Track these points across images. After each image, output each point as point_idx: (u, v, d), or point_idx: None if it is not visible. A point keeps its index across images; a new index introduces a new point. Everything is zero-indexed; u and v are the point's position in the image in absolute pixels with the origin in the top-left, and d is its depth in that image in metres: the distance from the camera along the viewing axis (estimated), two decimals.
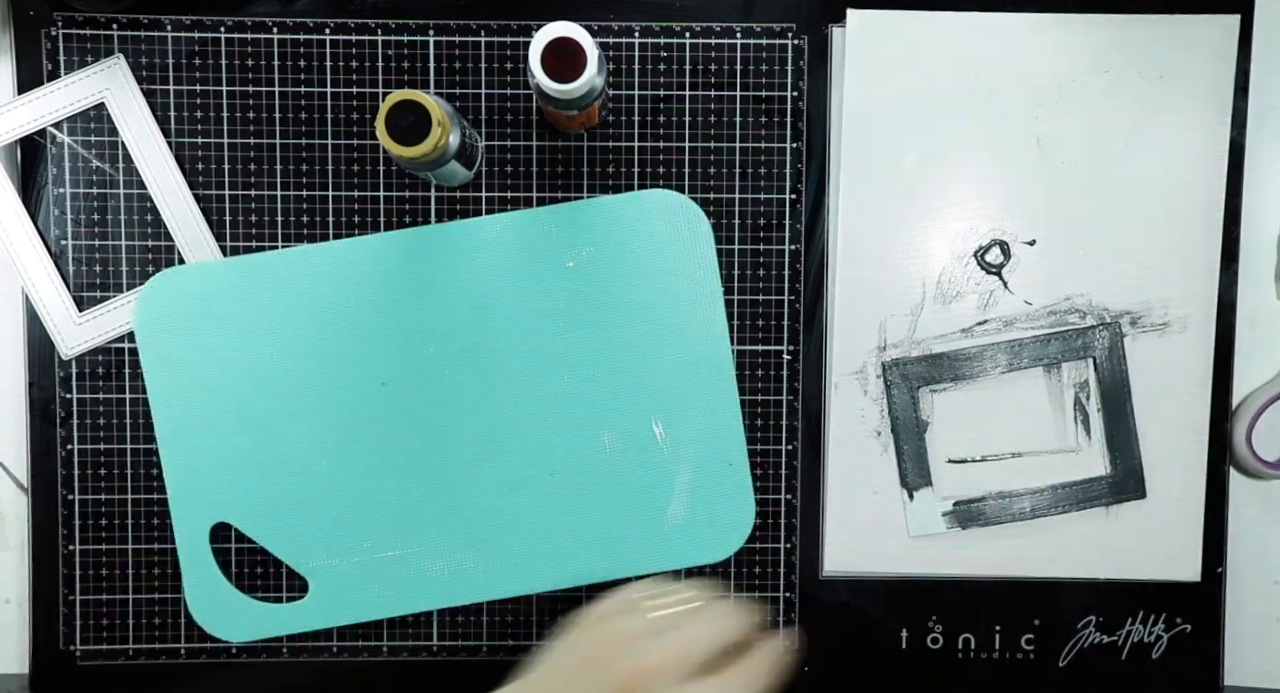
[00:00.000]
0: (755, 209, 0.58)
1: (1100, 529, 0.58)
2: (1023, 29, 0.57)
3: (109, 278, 0.57)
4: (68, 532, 0.58)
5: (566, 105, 0.49)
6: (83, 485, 0.57)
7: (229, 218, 0.57)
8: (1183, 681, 0.59)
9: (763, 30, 0.57)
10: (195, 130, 0.57)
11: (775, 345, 0.59)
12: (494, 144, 0.57)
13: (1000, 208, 0.57)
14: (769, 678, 0.42)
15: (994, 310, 0.58)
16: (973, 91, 0.57)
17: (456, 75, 0.57)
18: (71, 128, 0.56)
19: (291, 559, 0.57)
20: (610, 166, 0.58)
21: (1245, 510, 0.60)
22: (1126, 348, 0.58)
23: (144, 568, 0.58)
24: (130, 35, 0.56)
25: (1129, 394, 0.58)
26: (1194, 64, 0.57)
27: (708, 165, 0.58)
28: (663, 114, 0.58)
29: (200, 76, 0.57)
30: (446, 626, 0.59)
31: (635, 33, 0.57)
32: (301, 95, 0.57)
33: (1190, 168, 0.57)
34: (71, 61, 0.56)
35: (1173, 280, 0.58)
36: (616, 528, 0.57)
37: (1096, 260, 0.57)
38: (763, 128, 0.58)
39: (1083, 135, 0.57)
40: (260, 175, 0.57)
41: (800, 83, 0.58)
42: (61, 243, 0.57)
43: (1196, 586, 0.59)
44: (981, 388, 0.58)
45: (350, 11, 0.57)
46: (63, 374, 0.57)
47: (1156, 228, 0.57)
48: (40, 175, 0.57)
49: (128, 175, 0.57)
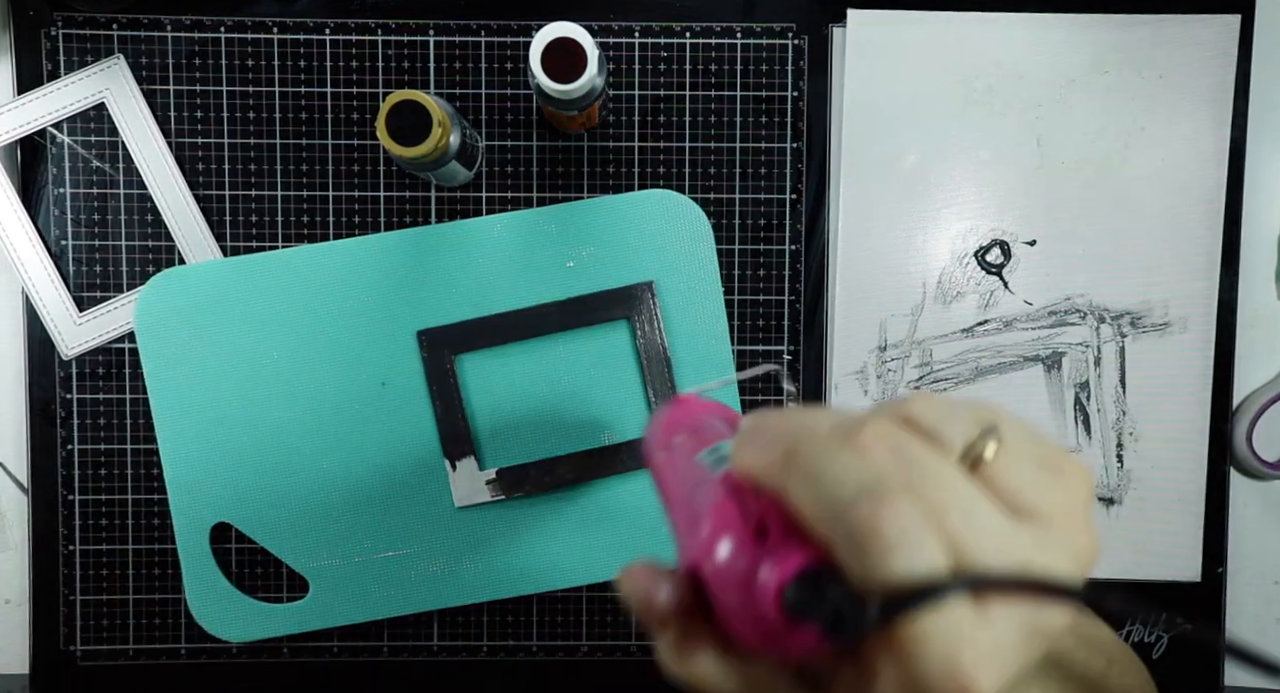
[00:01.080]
0: (755, 209, 0.58)
1: (1100, 529, 0.58)
2: (1023, 29, 0.57)
3: (109, 278, 0.57)
4: (68, 532, 0.58)
5: (567, 105, 0.49)
6: (83, 486, 0.57)
7: (229, 218, 0.57)
8: (1183, 681, 0.59)
9: (763, 30, 0.57)
10: (195, 130, 0.57)
11: (775, 345, 0.59)
12: (494, 144, 0.57)
13: (1000, 208, 0.57)
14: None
15: (994, 310, 0.58)
16: (972, 91, 0.57)
17: (457, 75, 0.57)
18: (71, 128, 0.56)
19: (292, 560, 0.57)
20: (610, 167, 0.58)
21: (1245, 511, 0.60)
22: (1127, 348, 0.58)
23: (144, 568, 0.58)
24: (130, 35, 0.56)
25: (1129, 394, 0.58)
26: (1194, 64, 0.57)
27: (708, 165, 0.58)
28: (663, 114, 0.57)
29: (200, 77, 0.57)
30: (446, 626, 0.59)
31: (635, 33, 0.57)
32: (302, 95, 0.57)
33: (1190, 168, 0.57)
34: (71, 62, 0.56)
35: (1173, 280, 0.58)
36: (617, 527, 0.57)
37: (1097, 260, 0.57)
38: (763, 128, 0.58)
39: (1083, 135, 0.57)
40: (260, 175, 0.57)
41: (800, 83, 0.58)
42: (62, 243, 0.57)
43: (1197, 586, 0.59)
44: (982, 388, 0.58)
45: (350, 12, 0.57)
46: (63, 374, 0.57)
47: (1157, 228, 0.57)
48: (40, 175, 0.57)
49: (128, 175, 0.57)
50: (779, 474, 0.25)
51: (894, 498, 0.22)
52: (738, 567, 0.24)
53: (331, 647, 0.58)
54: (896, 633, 0.22)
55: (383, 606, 0.57)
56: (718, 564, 0.25)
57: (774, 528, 0.24)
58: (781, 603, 0.23)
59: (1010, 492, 0.24)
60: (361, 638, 0.59)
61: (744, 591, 0.24)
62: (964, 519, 0.23)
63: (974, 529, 0.23)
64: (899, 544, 0.22)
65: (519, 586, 0.57)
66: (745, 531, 0.25)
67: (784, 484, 0.24)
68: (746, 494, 0.25)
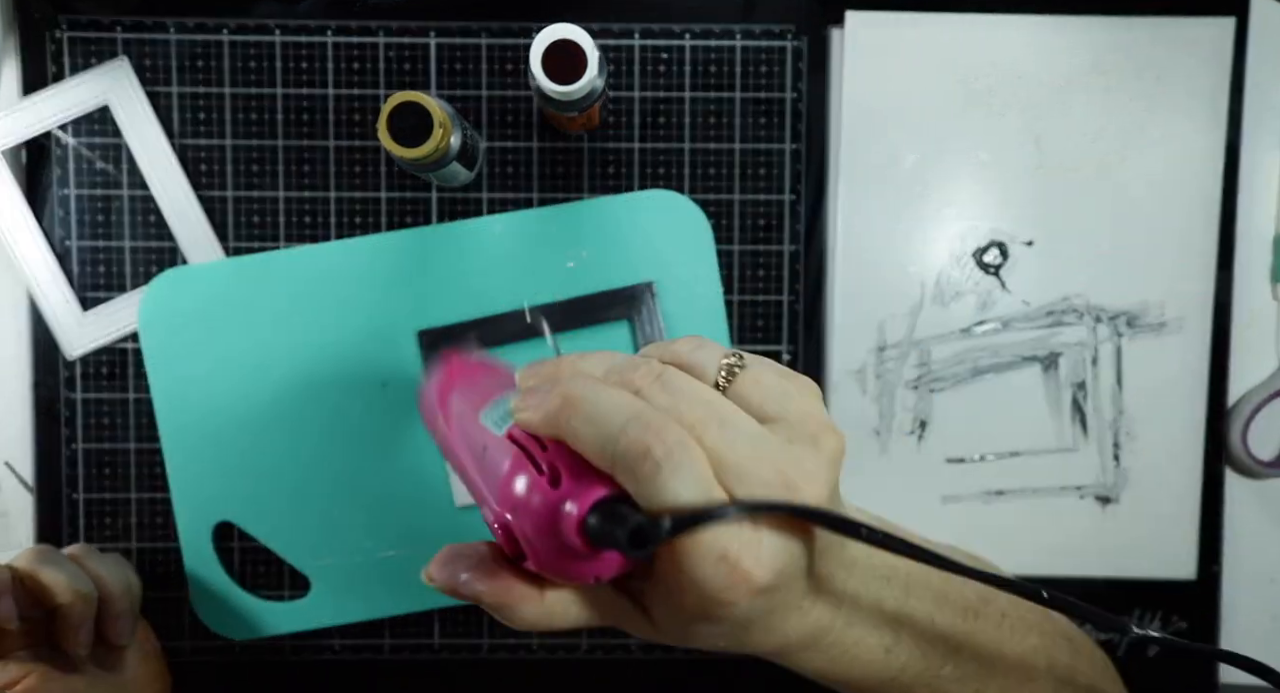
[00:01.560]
0: (755, 209, 0.58)
1: (1096, 528, 0.59)
2: (1021, 30, 0.57)
3: (113, 278, 0.57)
4: (72, 531, 0.58)
5: (567, 107, 0.49)
6: (87, 485, 0.58)
7: (232, 219, 0.58)
8: (1179, 679, 0.60)
9: (762, 32, 0.58)
10: (198, 132, 0.57)
11: (775, 345, 0.59)
12: (495, 145, 0.58)
13: (998, 208, 0.58)
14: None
15: (992, 310, 0.58)
16: (971, 92, 0.57)
17: (457, 77, 0.57)
18: (76, 130, 0.57)
19: (293, 558, 0.57)
20: (611, 168, 0.58)
21: (1241, 509, 0.60)
22: (1124, 348, 0.58)
23: (147, 567, 0.58)
24: (134, 38, 0.57)
25: (1125, 394, 0.58)
26: (1190, 65, 0.57)
27: (708, 166, 0.58)
28: (663, 115, 0.58)
29: (204, 78, 0.57)
30: (447, 626, 0.59)
31: (635, 34, 0.57)
32: (304, 97, 0.57)
33: (1187, 168, 0.58)
34: (76, 64, 0.57)
35: (1169, 280, 0.58)
36: None
37: (1094, 261, 0.58)
38: (762, 129, 0.58)
39: (1081, 136, 0.57)
40: (263, 176, 0.58)
41: (799, 84, 0.58)
42: (66, 244, 0.57)
43: (1193, 584, 0.59)
44: (980, 388, 0.58)
45: (352, 13, 0.57)
46: (67, 374, 0.57)
47: (1153, 228, 0.58)
48: (45, 177, 0.57)
49: (131, 177, 0.57)
50: (559, 421, 0.27)
51: (656, 421, 0.26)
52: (541, 512, 0.27)
53: (333, 645, 0.59)
54: (680, 544, 0.26)
55: (384, 604, 0.57)
56: (522, 514, 0.28)
57: (564, 473, 0.27)
58: (585, 532, 0.26)
59: (757, 404, 0.29)
60: (363, 636, 0.59)
61: (549, 530, 0.27)
62: (720, 429, 0.27)
63: (730, 437, 0.27)
64: (666, 460, 0.25)
65: None
66: (541, 480, 0.28)
67: (565, 429, 0.27)
68: (534, 446, 0.29)
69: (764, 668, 0.60)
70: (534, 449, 0.28)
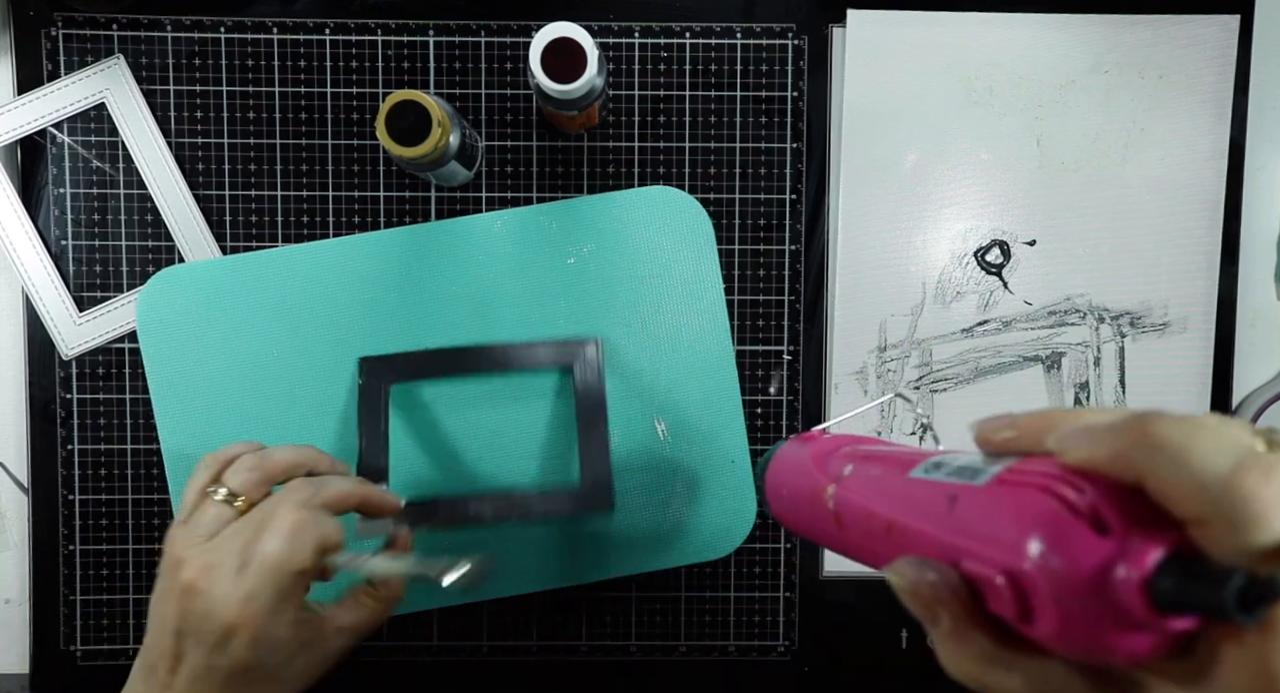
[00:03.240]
0: (755, 209, 0.58)
1: None
2: (1023, 29, 0.57)
3: (109, 278, 0.57)
4: (68, 532, 0.58)
5: (567, 105, 0.49)
6: (83, 485, 0.57)
7: (229, 218, 0.57)
8: None
9: (762, 30, 0.57)
10: (195, 130, 0.57)
11: (775, 345, 0.59)
12: (494, 144, 0.57)
13: (1000, 208, 0.58)
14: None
15: (994, 310, 0.58)
16: (973, 92, 0.57)
17: (457, 75, 0.57)
18: (72, 128, 0.56)
19: None
20: (610, 167, 0.58)
21: None
22: (1126, 348, 0.58)
23: (144, 568, 0.58)
24: (130, 35, 0.56)
25: (1129, 394, 0.58)
26: (1194, 64, 0.57)
27: (708, 165, 0.58)
28: (663, 114, 0.58)
29: (200, 77, 0.57)
30: (447, 626, 0.59)
31: (635, 33, 0.57)
32: (302, 95, 0.57)
33: (1190, 167, 0.57)
34: (72, 62, 0.56)
35: (1173, 280, 0.58)
36: (617, 526, 0.57)
37: (1096, 260, 0.58)
38: (763, 128, 0.58)
39: (1083, 135, 0.57)
40: (260, 175, 0.57)
41: (800, 83, 0.58)
42: (62, 243, 0.57)
43: None
44: (982, 388, 0.58)
45: (350, 12, 0.57)
46: (63, 374, 0.57)
47: (1157, 228, 0.57)
48: (40, 176, 0.57)
49: (128, 175, 0.57)
50: (1133, 458, 0.23)
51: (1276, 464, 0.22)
52: (1083, 565, 0.23)
53: None
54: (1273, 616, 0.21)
55: None
56: (1055, 567, 0.23)
57: (1113, 519, 0.23)
58: (1150, 591, 0.22)
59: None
60: None
61: (1089, 588, 0.23)
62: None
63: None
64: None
65: (519, 585, 0.57)
66: (1081, 527, 0.23)
67: (1142, 467, 0.23)
68: (1059, 491, 0.24)
69: (765, 670, 0.59)
70: (1062, 493, 0.24)
